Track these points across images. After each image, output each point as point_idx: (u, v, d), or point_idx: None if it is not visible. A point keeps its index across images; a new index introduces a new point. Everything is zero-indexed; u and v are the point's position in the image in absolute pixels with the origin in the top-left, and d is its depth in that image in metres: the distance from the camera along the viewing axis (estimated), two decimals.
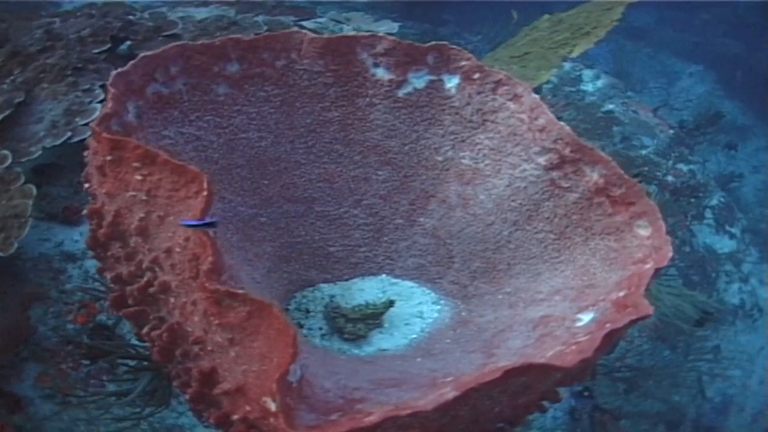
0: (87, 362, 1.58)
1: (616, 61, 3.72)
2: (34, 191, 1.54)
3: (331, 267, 1.43)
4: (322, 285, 1.42)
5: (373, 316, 1.32)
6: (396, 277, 1.45)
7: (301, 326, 1.33)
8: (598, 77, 3.04)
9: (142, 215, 1.01)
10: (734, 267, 2.83)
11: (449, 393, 0.87)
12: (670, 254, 1.21)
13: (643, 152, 2.87)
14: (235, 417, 0.95)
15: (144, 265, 1.03)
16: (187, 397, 1.01)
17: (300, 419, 0.87)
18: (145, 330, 1.07)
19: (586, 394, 2.11)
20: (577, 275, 1.31)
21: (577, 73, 3.06)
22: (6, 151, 1.56)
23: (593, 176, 1.34)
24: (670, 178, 2.86)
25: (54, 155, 1.73)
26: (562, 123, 1.40)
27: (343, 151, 1.45)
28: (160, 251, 1.00)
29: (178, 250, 0.96)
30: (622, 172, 1.34)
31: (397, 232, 1.46)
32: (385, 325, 1.34)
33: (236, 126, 1.35)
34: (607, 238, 1.31)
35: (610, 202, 1.32)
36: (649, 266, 1.21)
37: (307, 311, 1.35)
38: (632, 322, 1.06)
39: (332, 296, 1.38)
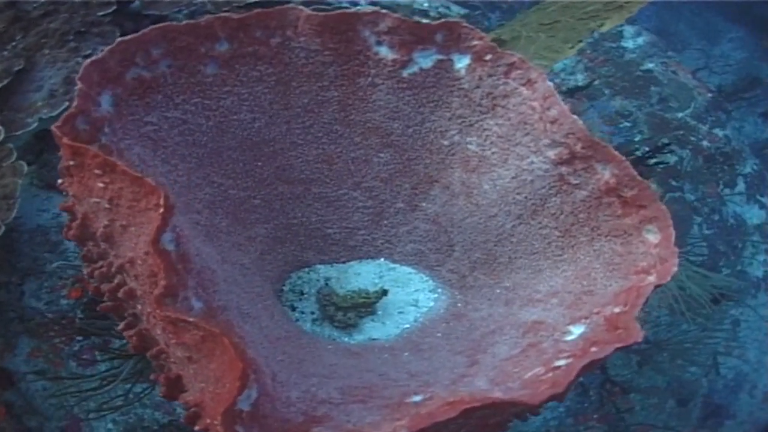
0: (79, 338, 1.54)
1: (660, 18, 3.54)
2: (25, 168, 1.47)
3: (329, 249, 1.36)
4: (318, 266, 1.35)
5: (364, 305, 1.26)
6: (394, 261, 1.38)
7: (293, 309, 1.27)
8: (639, 34, 2.88)
9: (106, 222, 0.95)
10: (761, 238, 2.70)
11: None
12: (674, 269, 1.13)
13: (680, 115, 2.72)
14: (197, 428, 0.90)
15: (113, 269, 0.97)
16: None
17: None
18: (120, 326, 1.02)
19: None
20: (577, 278, 1.22)
21: (619, 29, 2.90)
22: None
23: (604, 175, 1.24)
24: (705, 143, 2.71)
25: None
26: (575, 117, 1.29)
27: (343, 132, 1.36)
28: (125, 259, 0.94)
29: (139, 262, 0.90)
30: (635, 173, 1.24)
31: (397, 216, 1.38)
32: (379, 312, 1.29)
33: (227, 108, 1.27)
34: (614, 240, 1.22)
35: (620, 203, 1.23)
36: (650, 281, 1.13)
37: (301, 293, 1.30)
38: (617, 350, 0.98)
39: (328, 279, 1.33)
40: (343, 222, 1.37)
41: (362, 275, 1.34)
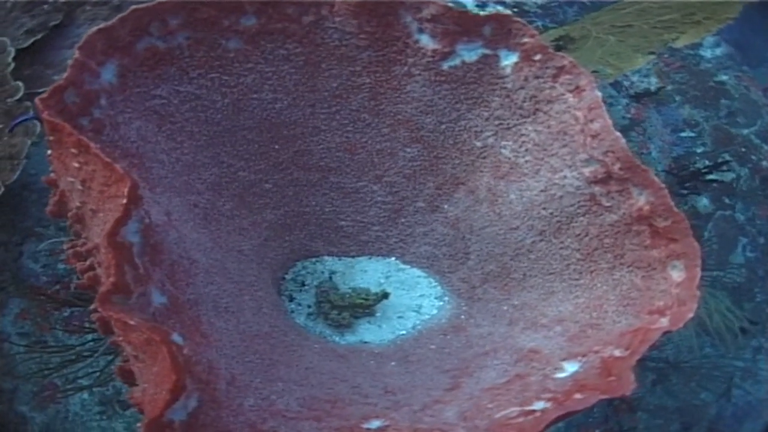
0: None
1: (740, 31, 3.31)
2: (38, 129, 1.43)
3: (339, 241, 1.29)
4: (325, 257, 1.28)
5: (361, 306, 1.18)
6: (405, 262, 1.30)
7: (291, 299, 1.21)
8: (718, 45, 2.70)
9: (78, 204, 0.90)
10: None
11: None
12: (690, 315, 1.01)
13: (745, 131, 2.55)
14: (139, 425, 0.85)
15: (84, 250, 0.91)
16: None
17: None
18: (91, 306, 0.96)
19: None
20: (588, 307, 1.12)
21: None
22: (19, 83, 1.46)
23: (639, 200, 1.12)
24: (765, 164, 2.54)
25: None
26: (618, 134, 1.16)
27: (371, 121, 1.27)
28: (93, 244, 0.88)
29: (102, 251, 0.84)
30: (671, 203, 1.11)
31: (416, 215, 1.29)
32: (378, 314, 1.21)
33: (246, 85, 1.19)
34: (636, 272, 1.11)
35: (650, 233, 1.11)
36: (661, 325, 1.02)
37: (303, 284, 1.23)
38: (602, 400, 0.88)
39: (333, 272, 1.26)
40: (358, 215, 1.29)
41: (369, 273, 1.26)
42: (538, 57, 1.21)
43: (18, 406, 1.54)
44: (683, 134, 2.33)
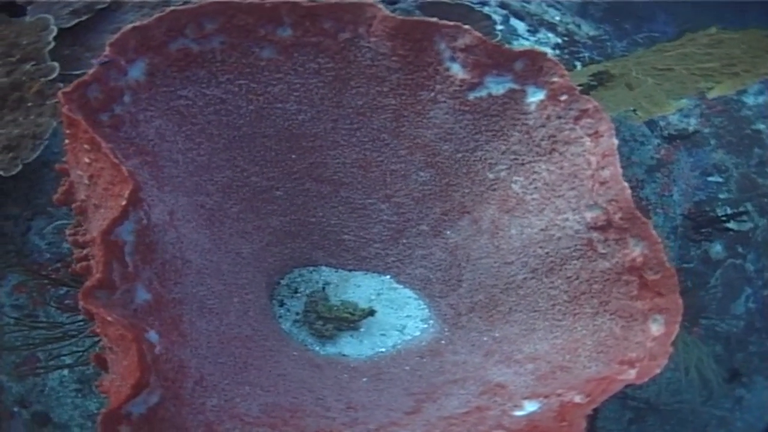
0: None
1: None
2: None
3: (339, 254, 1.33)
4: (323, 268, 1.32)
5: (346, 320, 1.21)
6: (399, 282, 1.33)
7: (282, 304, 1.25)
8: (761, 93, 2.64)
9: (83, 197, 0.94)
10: None
11: None
12: (656, 371, 1.02)
13: None
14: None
15: (81, 240, 0.96)
16: None
17: None
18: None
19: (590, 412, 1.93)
20: (564, 349, 1.14)
21: None
22: (55, 63, 1.49)
23: (634, 251, 1.14)
24: None
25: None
26: (625, 184, 1.17)
27: (389, 142, 1.30)
28: (90, 237, 0.93)
29: (96, 246, 0.88)
30: (665, 257, 1.12)
31: (418, 237, 1.32)
32: (362, 329, 1.24)
33: (273, 94, 1.23)
34: (617, 321, 1.13)
35: (639, 285, 1.12)
36: (627, 377, 1.03)
37: (296, 291, 1.27)
38: None
39: (327, 283, 1.29)
40: (361, 231, 1.32)
41: (362, 288, 1.30)
42: (564, 97, 1.22)
43: None
44: (711, 179, 2.30)
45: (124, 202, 0.86)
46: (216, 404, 0.91)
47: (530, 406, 1.02)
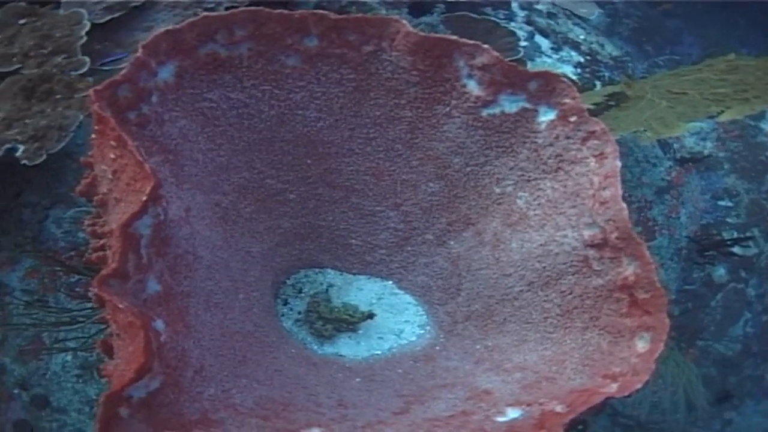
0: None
1: None
2: None
3: (345, 257, 1.38)
4: (328, 270, 1.37)
5: (345, 322, 1.26)
6: (401, 288, 1.38)
7: (286, 303, 1.30)
8: None
9: (105, 191, 1.00)
10: None
11: None
12: (637, 387, 1.06)
13: None
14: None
15: (99, 231, 1.03)
16: None
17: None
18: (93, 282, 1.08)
19: (580, 427, 1.95)
20: (551, 360, 1.19)
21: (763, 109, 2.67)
22: (86, 58, 1.53)
23: (627, 270, 1.18)
24: None
25: None
26: (623, 205, 1.21)
27: (403, 152, 1.35)
28: (109, 229, 0.99)
29: (114, 237, 0.95)
30: (656, 278, 1.17)
31: (422, 246, 1.37)
32: (360, 331, 1.29)
33: (295, 101, 1.28)
34: (605, 336, 1.18)
35: (629, 302, 1.17)
36: (609, 390, 1.07)
37: (300, 291, 1.33)
38: None
39: (331, 285, 1.35)
40: (368, 236, 1.38)
41: (364, 291, 1.35)
42: (573, 118, 1.26)
43: (0, 357, 1.59)
44: (721, 202, 2.32)
45: (144, 198, 0.92)
46: (213, 394, 0.97)
47: (513, 413, 1.07)
